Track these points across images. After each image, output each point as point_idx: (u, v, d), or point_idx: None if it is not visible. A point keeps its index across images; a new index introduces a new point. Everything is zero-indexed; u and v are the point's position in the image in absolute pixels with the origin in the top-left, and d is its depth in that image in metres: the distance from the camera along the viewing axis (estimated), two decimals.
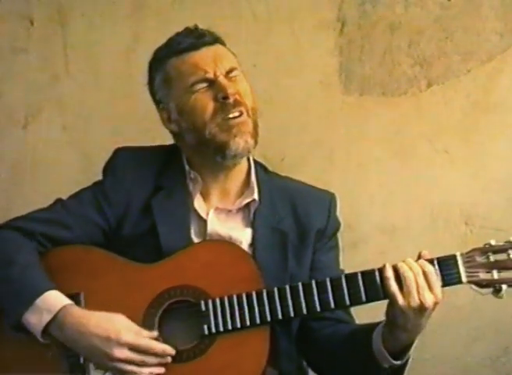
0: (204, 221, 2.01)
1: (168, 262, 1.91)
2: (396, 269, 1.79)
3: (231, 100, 1.93)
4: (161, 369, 1.82)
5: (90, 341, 1.80)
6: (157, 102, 2.05)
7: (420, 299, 1.75)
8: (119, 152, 2.08)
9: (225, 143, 1.94)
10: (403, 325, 1.78)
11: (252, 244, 1.99)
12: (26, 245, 1.94)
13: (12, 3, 2.88)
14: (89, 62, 2.88)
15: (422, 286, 1.76)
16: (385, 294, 1.79)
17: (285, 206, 2.04)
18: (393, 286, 1.77)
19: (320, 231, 2.05)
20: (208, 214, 2.01)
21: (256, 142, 1.97)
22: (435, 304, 1.77)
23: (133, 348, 1.80)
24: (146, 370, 1.81)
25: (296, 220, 2.03)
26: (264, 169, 2.11)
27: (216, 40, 2.01)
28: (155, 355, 1.82)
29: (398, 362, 1.83)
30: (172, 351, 1.83)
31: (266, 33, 2.80)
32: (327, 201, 2.09)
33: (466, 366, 2.75)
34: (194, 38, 1.97)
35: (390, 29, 2.77)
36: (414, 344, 1.84)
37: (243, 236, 2.00)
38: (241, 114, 1.95)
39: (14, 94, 2.89)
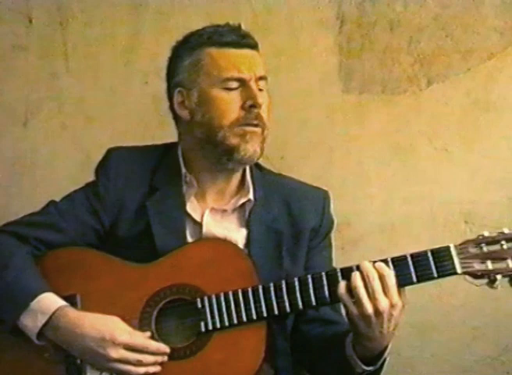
0: (199, 224, 2.00)
1: (163, 262, 1.92)
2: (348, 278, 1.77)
3: (256, 111, 1.93)
4: (158, 368, 1.82)
5: (84, 342, 1.81)
6: (174, 84, 2.01)
7: (373, 304, 1.73)
8: (111, 152, 2.07)
9: (236, 147, 1.93)
10: (365, 333, 1.76)
11: (247, 244, 1.99)
12: (21, 249, 1.94)
13: (12, 1, 2.88)
14: (88, 59, 2.87)
15: (377, 290, 1.73)
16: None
17: (279, 205, 2.04)
18: (345, 295, 1.76)
19: (314, 230, 2.05)
20: (202, 215, 2.01)
21: (261, 154, 1.97)
22: (392, 307, 1.73)
23: (129, 348, 1.81)
24: (142, 369, 1.82)
25: (291, 219, 2.03)
26: (259, 167, 2.11)
27: (256, 45, 2.00)
28: (151, 353, 1.82)
29: (370, 368, 1.83)
30: (167, 349, 1.83)
31: (265, 32, 2.79)
32: (321, 199, 2.09)
33: (465, 365, 2.75)
34: (238, 37, 1.96)
35: (390, 27, 2.77)
36: (388, 350, 1.83)
37: (239, 236, 2.00)
38: (257, 125, 1.94)
39: (14, 92, 2.88)
